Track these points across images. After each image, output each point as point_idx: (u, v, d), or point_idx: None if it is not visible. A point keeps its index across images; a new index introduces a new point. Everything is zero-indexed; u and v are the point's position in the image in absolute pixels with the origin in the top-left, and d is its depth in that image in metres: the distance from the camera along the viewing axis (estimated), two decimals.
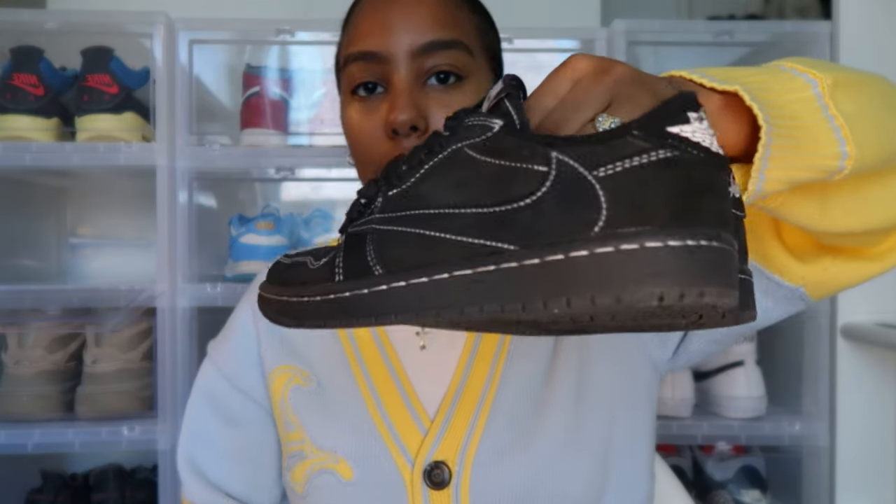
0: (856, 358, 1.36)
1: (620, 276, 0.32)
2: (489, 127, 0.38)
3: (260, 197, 1.62)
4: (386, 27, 0.66)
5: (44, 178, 1.54)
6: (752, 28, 1.41)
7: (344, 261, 0.41)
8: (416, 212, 0.39)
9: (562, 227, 0.34)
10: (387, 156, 0.65)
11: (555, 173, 0.35)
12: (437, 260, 0.37)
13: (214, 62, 1.50)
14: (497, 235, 0.35)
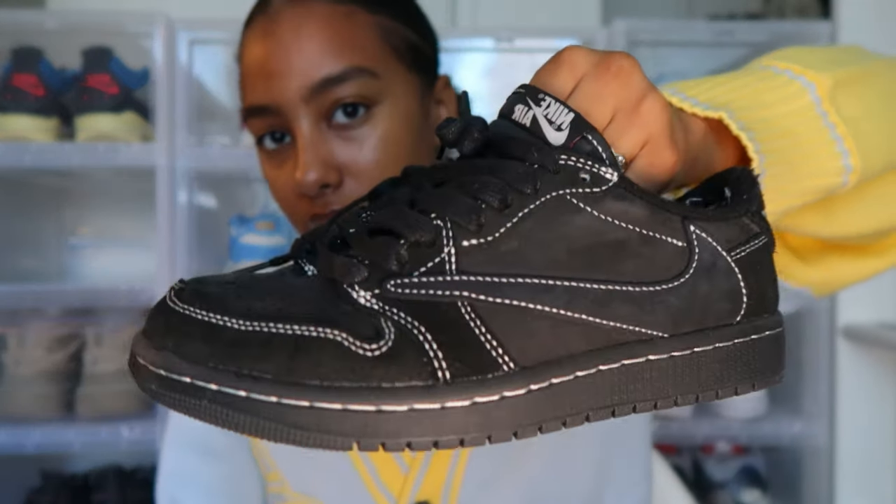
0: (856, 358, 1.36)
1: (760, 364, 0.34)
2: (602, 176, 0.31)
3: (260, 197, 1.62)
4: (270, 73, 0.57)
5: (44, 178, 1.54)
6: (752, 28, 1.42)
7: (441, 347, 0.28)
8: (529, 280, 0.30)
9: (712, 314, 0.32)
10: (307, 213, 0.57)
11: (698, 251, 0.32)
12: (582, 349, 0.30)
13: (214, 62, 1.50)
14: (644, 320, 0.31)
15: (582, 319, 0.30)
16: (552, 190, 0.31)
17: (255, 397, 0.26)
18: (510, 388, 0.28)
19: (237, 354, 0.27)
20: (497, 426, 0.28)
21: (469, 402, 0.27)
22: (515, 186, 0.30)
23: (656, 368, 0.31)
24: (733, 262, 0.33)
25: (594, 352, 0.30)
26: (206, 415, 0.27)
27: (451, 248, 0.29)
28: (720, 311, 0.33)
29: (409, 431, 0.27)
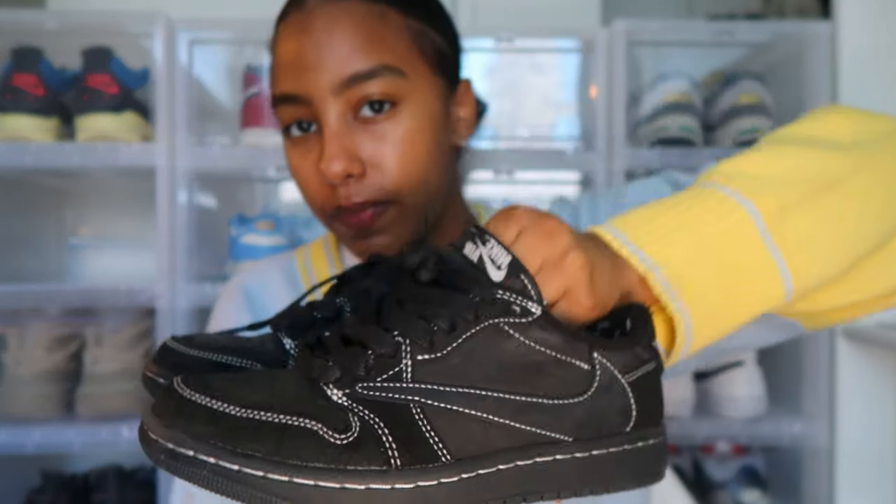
0: (856, 358, 1.36)
1: (644, 467, 0.42)
2: (529, 310, 0.39)
3: (260, 197, 1.62)
4: (302, 65, 0.60)
5: (44, 178, 1.54)
6: (752, 28, 1.42)
7: (395, 440, 0.35)
8: (469, 390, 0.37)
9: (607, 424, 0.40)
10: (329, 202, 0.61)
11: (599, 374, 0.40)
12: (503, 446, 0.38)
13: (214, 62, 1.50)
14: (556, 426, 0.39)
15: (506, 424, 0.38)
16: (489, 318, 0.38)
17: (245, 471, 0.33)
18: (446, 476, 0.36)
19: (234, 436, 0.34)
20: (436, 501, 0.35)
21: (413, 485, 0.35)
22: (461, 314, 0.38)
23: (561, 466, 0.39)
24: (626, 383, 0.41)
25: (514, 450, 0.38)
26: (205, 483, 0.33)
27: (408, 360, 0.37)
28: (614, 422, 0.40)
29: (365, 499, 0.34)
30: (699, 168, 0.59)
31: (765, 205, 0.45)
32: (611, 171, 1.37)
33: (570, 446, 0.39)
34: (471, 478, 0.36)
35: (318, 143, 0.61)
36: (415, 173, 0.61)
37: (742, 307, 0.46)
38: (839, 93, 1.36)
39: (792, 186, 0.47)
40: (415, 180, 0.61)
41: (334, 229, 0.64)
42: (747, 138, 1.36)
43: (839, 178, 0.48)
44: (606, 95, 1.38)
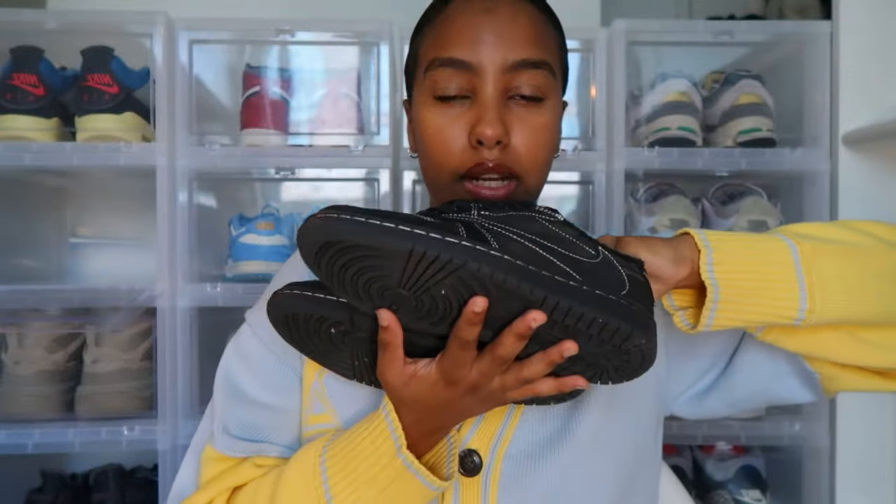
0: None
1: (632, 318, 0.56)
2: (555, 214, 0.64)
3: (260, 197, 1.62)
4: (479, 39, 0.68)
5: (44, 178, 1.54)
6: (752, 28, 1.42)
7: (465, 230, 0.56)
8: (514, 229, 0.59)
9: (608, 283, 0.58)
10: (466, 162, 0.69)
11: (601, 257, 0.60)
12: (536, 261, 0.56)
13: (214, 62, 1.50)
14: (570, 266, 0.57)
15: (536, 251, 0.57)
16: (529, 212, 0.64)
17: (385, 224, 0.52)
18: (495, 251, 0.54)
19: (379, 213, 0.54)
20: (483, 262, 0.53)
21: (472, 244, 0.53)
22: (513, 206, 0.65)
23: (573, 289, 0.55)
24: (623, 272, 0.60)
25: (541, 264, 0.56)
26: (351, 231, 0.52)
27: (475, 211, 0.63)
28: (613, 284, 0.58)
29: (440, 247, 0.52)
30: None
31: (803, 247, 0.65)
32: (611, 171, 1.37)
33: (581, 282, 0.56)
34: (511, 261, 0.53)
35: (469, 110, 0.69)
36: (542, 161, 0.71)
37: (761, 306, 0.64)
38: (838, 93, 1.36)
39: (829, 243, 0.66)
40: (541, 165, 0.71)
41: (456, 194, 0.71)
42: (747, 138, 1.36)
43: (871, 252, 0.67)
44: (606, 95, 1.37)
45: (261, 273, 1.31)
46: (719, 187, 1.43)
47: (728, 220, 1.36)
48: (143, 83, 1.34)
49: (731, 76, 1.41)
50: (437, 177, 0.71)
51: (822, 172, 1.36)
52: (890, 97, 1.36)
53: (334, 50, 1.44)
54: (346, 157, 1.33)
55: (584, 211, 1.48)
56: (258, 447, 0.74)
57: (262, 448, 0.74)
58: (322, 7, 1.75)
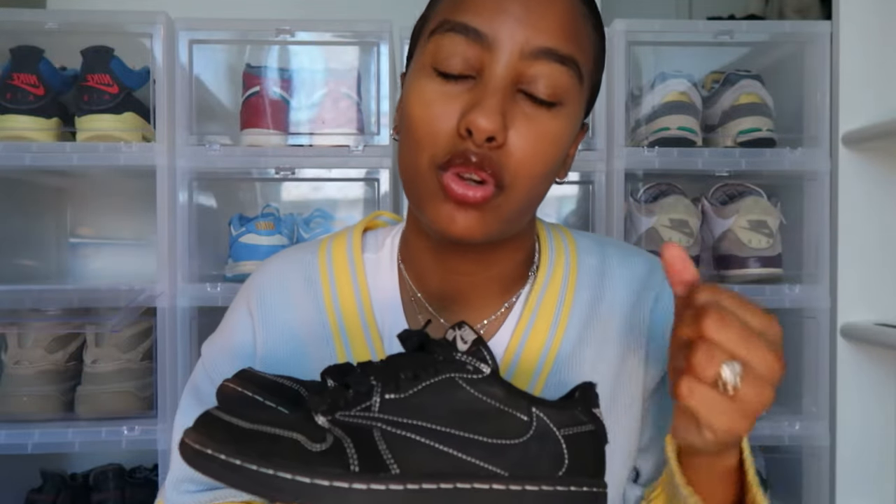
0: (856, 358, 1.36)
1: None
2: (479, 369, 0.51)
3: (260, 197, 1.62)
4: (503, 9, 0.56)
5: (44, 178, 1.54)
6: (752, 28, 1.42)
7: (358, 453, 0.47)
8: (422, 424, 0.49)
9: (540, 467, 0.50)
10: (446, 150, 0.57)
11: (535, 424, 0.50)
12: (448, 471, 0.47)
13: (214, 62, 1.50)
14: (494, 461, 0.49)
15: (450, 453, 0.48)
16: (446, 373, 0.50)
17: (244, 465, 0.44)
18: (394, 484, 0.46)
19: (240, 441, 0.45)
20: (381, 503, 0.45)
21: (366, 486, 0.45)
22: (424, 368, 0.51)
23: (496, 494, 0.48)
24: (561, 436, 0.51)
25: (456, 474, 0.47)
26: (215, 474, 0.45)
27: (377, 398, 0.49)
28: (547, 466, 0.50)
29: (328, 498, 0.45)
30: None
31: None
32: (611, 171, 1.37)
33: (506, 479, 0.48)
34: (415, 490, 0.46)
35: (469, 91, 0.57)
36: (539, 173, 0.59)
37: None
38: (838, 93, 1.36)
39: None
40: (535, 178, 0.59)
41: (425, 185, 0.59)
42: (747, 138, 1.36)
43: None
44: (606, 95, 1.37)
45: None
46: (719, 187, 1.43)
47: (728, 220, 1.36)
48: (143, 83, 1.34)
49: (731, 76, 1.41)
50: (413, 162, 0.59)
51: (822, 172, 1.36)
52: (890, 97, 1.36)
53: (334, 50, 1.44)
54: (346, 157, 1.33)
55: (584, 211, 1.48)
56: (211, 495, 0.67)
57: (215, 496, 0.67)
58: (322, 7, 1.75)
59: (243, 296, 0.75)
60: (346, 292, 0.70)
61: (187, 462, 0.45)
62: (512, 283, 0.69)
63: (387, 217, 0.81)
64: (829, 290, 1.36)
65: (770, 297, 1.33)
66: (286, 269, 0.73)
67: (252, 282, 0.75)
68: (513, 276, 0.69)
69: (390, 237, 0.75)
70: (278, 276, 0.73)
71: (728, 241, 1.36)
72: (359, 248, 0.73)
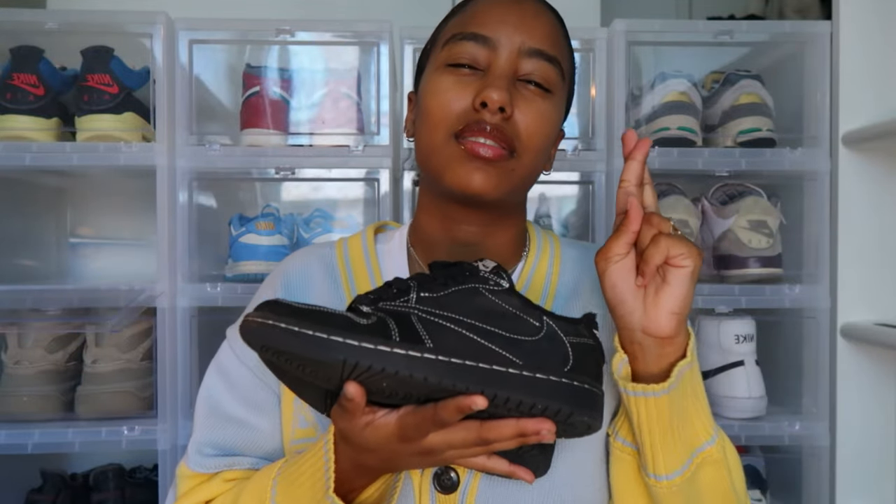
0: (856, 358, 1.36)
1: (576, 399, 0.58)
2: (500, 283, 0.62)
3: (260, 197, 1.62)
4: (503, 20, 0.72)
5: (44, 178, 1.54)
6: (751, 28, 1.42)
7: (398, 329, 0.56)
8: (452, 315, 0.58)
9: (550, 361, 0.59)
10: (463, 121, 0.70)
11: (546, 329, 0.61)
12: (473, 353, 0.56)
13: (214, 62, 1.50)
14: (511, 351, 0.57)
15: (475, 339, 0.57)
16: (472, 283, 0.62)
17: (304, 331, 0.52)
18: (428, 353, 0.54)
19: (302, 314, 0.54)
20: (417, 369, 0.53)
21: (404, 351, 0.53)
22: (453, 278, 0.62)
23: (512, 377, 0.56)
24: (567, 342, 0.61)
25: (479, 356, 0.56)
26: (280, 340, 0.52)
27: (414, 294, 0.60)
28: (555, 361, 0.59)
29: (372, 357, 0.52)
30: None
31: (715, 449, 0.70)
32: (611, 171, 1.37)
33: (521, 367, 0.56)
34: (445, 361, 0.54)
35: (479, 82, 0.71)
36: (540, 146, 0.72)
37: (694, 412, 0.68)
38: (838, 93, 1.36)
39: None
40: (537, 150, 0.72)
41: (444, 153, 0.71)
42: (747, 138, 1.36)
43: None
44: (606, 95, 1.37)
45: (261, 273, 1.31)
46: (719, 187, 1.43)
47: (728, 220, 1.36)
48: (143, 83, 1.34)
49: (731, 76, 1.41)
50: (431, 138, 0.72)
51: (822, 172, 1.36)
52: (890, 97, 1.36)
53: (334, 50, 1.44)
54: (346, 157, 1.33)
55: (584, 211, 1.48)
56: (230, 461, 0.75)
57: (234, 462, 0.75)
58: (322, 7, 1.75)
59: (269, 282, 0.83)
60: (362, 275, 0.80)
61: (248, 335, 0.53)
62: (507, 259, 0.80)
63: (391, 226, 0.90)
64: (829, 290, 1.36)
65: (770, 297, 1.33)
66: (308, 260, 0.82)
67: (277, 270, 0.84)
68: (508, 251, 0.80)
69: (399, 232, 0.84)
70: (302, 264, 0.82)
71: (728, 241, 1.36)
72: (372, 242, 0.83)
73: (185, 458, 0.77)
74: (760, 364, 1.36)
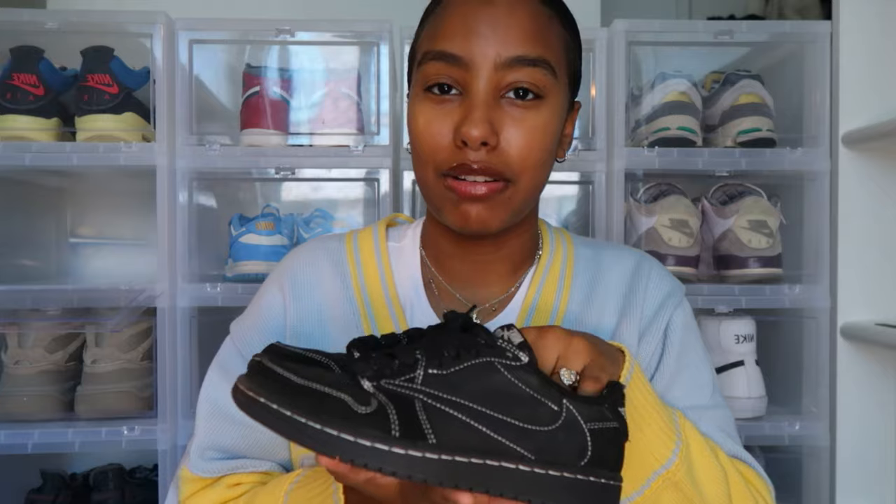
0: (856, 358, 1.36)
1: (590, 497, 0.53)
2: (518, 357, 0.55)
3: (260, 197, 1.62)
4: (473, 31, 0.65)
5: (44, 178, 1.54)
6: (751, 28, 1.41)
7: (399, 420, 0.50)
8: (460, 401, 0.52)
9: (565, 454, 0.53)
10: (450, 160, 0.66)
11: (564, 415, 0.54)
12: (480, 448, 0.51)
13: (214, 62, 1.50)
14: (522, 444, 0.52)
15: (483, 431, 0.51)
16: (487, 356, 0.54)
17: (294, 418, 0.47)
18: (430, 452, 0.49)
19: (293, 395, 0.49)
20: (416, 470, 0.48)
21: (404, 451, 0.48)
22: (466, 349, 0.54)
23: (522, 474, 0.51)
24: (588, 430, 0.54)
25: (486, 451, 0.51)
26: (268, 422, 0.48)
27: (420, 371, 0.52)
28: (571, 454, 0.53)
29: (367, 456, 0.48)
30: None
31: (678, 468, 0.64)
32: (611, 171, 1.37)
33: (532, 462, 0.51)
34: (448, 460, 0.49)
35: (459, 107, 0.66)
36: (537, 162, 0.67)
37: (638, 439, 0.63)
38: (838, 93, 1.36)
39: (691, 485, 0.65)
40: (535, 168, 0.68)
41: (437, 192, 0.68)
42: (747, 138, 1.36)
43: None
44: (606, 95, 1.37)
45: (261, 273, 1.31)
46: (719, 187, 1.43)
47: (728, 220, 1.36)
48: (143, 83, 1.34)
49: (731, 76, 1.41)
50: (423, 173, 0.69)
51: (822, 172, 1.36)
52: (890, 97, 1.36)
53: (334, 50, 1.44)
54: (346, 157, 1.33)
55: (584, 211, 1.48)
56: (233, 465, 0.73)
57: (237, 465, 0.73)
58: (322, 7, 1.75)
59: (274, 277, 0.80)
60: (372, 273, 0.77)
61: (239, 405, 0.49)
62: (520, 264, 0.78)
63: (402, 219, 0.87)
64: (829, 290, 1.36)
65: (770, 297, 1.33)
66: (316, 254, 0.80)
67: (283, 264, 0.81)
68: (521, 257, 0.77)
69: (411, 229, 0.82)
70: (309, 258, 0.79)
71: (728, 241, 1.36)
72: (383, 238, 0.81)
73: (185, 461, 0.75)
74: (760, 364, 1.36)
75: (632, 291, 0.77)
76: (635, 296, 0.76)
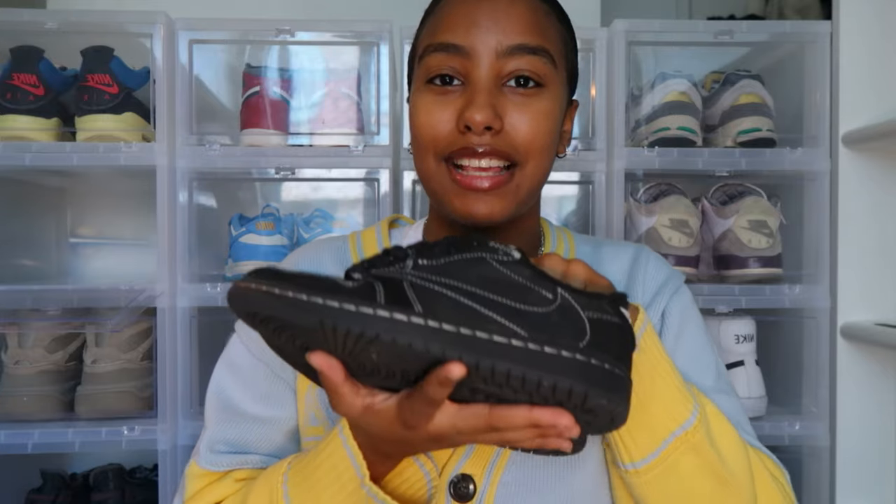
0: (856, 358, 1.36)
1: (596, 381, 0.49)
2: (511, 254, 0.54)
3: (260, 197, 1.62)
4: (474, 23, 0.67)
5: (44, 178, 1.54)
6: (752, 28, 1.41)
7: (386, 293, 0.49)
8: (450, 282, 0.51)
9: (561, 335, 0.50)
10: (451, 145, 0.67)
11: (560, 301, 0.52)
12: (470, 322, 0.48)
13: (214, 62, 1.50)
14: (515, 321, 0.50)
15: (474, 307, 0.50)
16: (479, 253, 0.54)
17: (288, 294, 0.47)
18: (416, 318, 0.47)
19: (290, 279, 0.49)
20: (401, 334, 0.47)
21: (389, 314, 0.47)
22: (459, 247, 0.54)
23: (514, 349, 0.48)
24: (586, 317, 0.52)
25: (476, 325, 0.48)
26: (265, 305, 0.48)
27: (411, 261, 0.53)
28: (568, 335, 0.50)
29: (351, 320, 0.47)
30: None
31: (697, 430, 0.62)
32: (611, 171, 1.37)
33: (525, 338, 0.49)
34: (435, 327, 0.47)
35: (461, 96, 0.67)
36: (543, 146, 0.68)
37: (652, 394, 0.61)
38: (838, 93, 1.36)
39: (710, 450, 0.63)
40: (541, 151, 0.68)
41: (439, 181, 0.69)
42: (747, 138, 1.36)
43: (719, 482, 0.64)
44: (606, 95, 1.37)
45: None
46: (719, 187, 1.43)
47: (728, 220, 1.36)
48: (143, 83, 1.34)
49: (731, 76, 1.41)
50: (423, 163, 0.69)
51: (822, 172, 1.36)
52: (890, 97, 1.36)
53: (334, 50, 1.44)
54: (346, 157, 1.33)
55: (584, 211, 1.48)
56: (242, 459, 0.72)
57: (246, 460, 0.72)
58: (322, 7, 1.75)
59: None
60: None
61: (232, 301, 0.49)
62: None
63: (403, 220, 0.87)
64: (829, 290, 1.36)
65: (770, 297, 1.33)
66: (320, 253, 0.80)
67: (286, 262, 0.82)
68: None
69: (413, 229, 0.82)
70: (313, 256, 0.80)
71: (728, 241, 1.36)
72: (387, 236, 0.81)
73: (195, 457, 0.74)
74: (760, 364, 1.36)
75: (630, 282, 0.77)
76: (634, 286, 0.77)
